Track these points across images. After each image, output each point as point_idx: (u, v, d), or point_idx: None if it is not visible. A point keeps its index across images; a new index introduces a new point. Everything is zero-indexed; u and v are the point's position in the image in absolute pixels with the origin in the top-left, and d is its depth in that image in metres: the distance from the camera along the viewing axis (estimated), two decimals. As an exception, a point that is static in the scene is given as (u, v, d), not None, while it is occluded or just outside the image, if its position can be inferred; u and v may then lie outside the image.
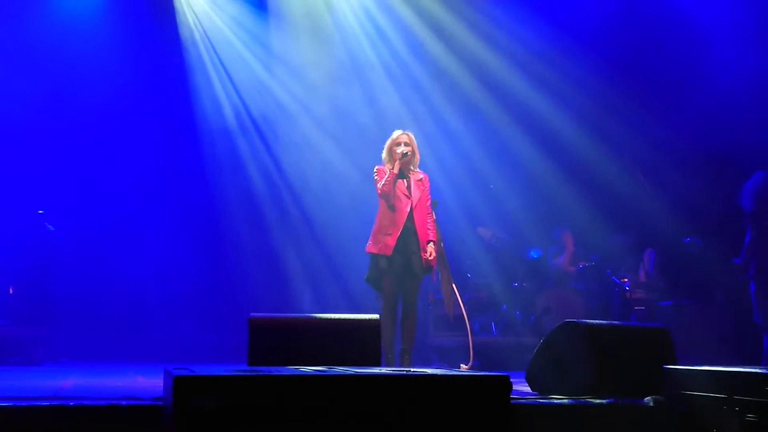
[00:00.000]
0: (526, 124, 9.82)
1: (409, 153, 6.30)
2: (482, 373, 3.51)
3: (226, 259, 9.67)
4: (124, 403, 3.56)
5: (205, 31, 10.05)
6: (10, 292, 8.11)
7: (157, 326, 9.13)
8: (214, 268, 9.60)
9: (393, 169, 6.26)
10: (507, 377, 3.34)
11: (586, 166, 9.66)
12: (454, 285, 6.70)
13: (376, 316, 4.92)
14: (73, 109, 9.34)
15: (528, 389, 4.77)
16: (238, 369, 3.39)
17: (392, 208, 6.22)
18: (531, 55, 9.77)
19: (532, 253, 9.68)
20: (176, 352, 8.51)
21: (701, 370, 3.96)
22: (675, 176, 9.18)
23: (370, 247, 6.26)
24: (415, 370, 3.76)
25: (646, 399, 4.14)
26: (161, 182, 9.63)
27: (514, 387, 3.86)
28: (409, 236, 6.19)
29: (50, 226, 8.39)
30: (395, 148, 6.34)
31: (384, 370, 3.88)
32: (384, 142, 6.47)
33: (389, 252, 6.13)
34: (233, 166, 9.94)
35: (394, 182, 6.24)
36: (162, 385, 3.61)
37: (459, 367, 6.72)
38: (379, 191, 6.27)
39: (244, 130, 10.05)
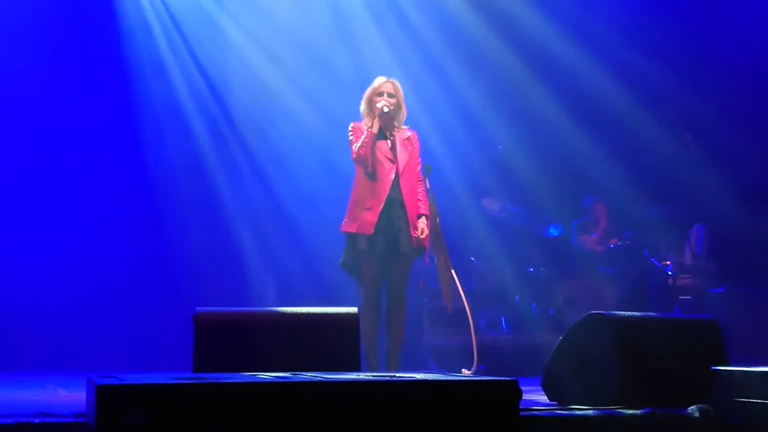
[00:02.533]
0: (544, 67, 9.80)
1: (392, 108, 6.31)
2: (484, 378, 3.52)
3: (169, 242, 9.62)
4: (37, 420, 3.54)
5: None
6: None
7: (84, 328, 9.09)
8: (154, 253, 9.54)
9: (371, 127, 6.25)
10: (515, 383, 3.35)
11: (618, 122, 9.69)
12: (453, 271, 6.70)
13: (354, 309, 4.92)
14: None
15: (545, 399, 4.79)
16: (179, 377, 3.38)
17: (373, 175, 6.23)
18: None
19: (551, 229, 9.73)
20: (107, 359, 8.48)
21: (758, 371, 3.97)
22: (730, 135, 9.21)
23: (346, 225, 6.27)
24: (402, 375, 3.76)
25: (690, 408, 4.16)
26: (83, 152, 9.51)
27: (529, 396, 3.87)
28: (395, 210, 6.20)
29: None
30: (376, 99, 6.34)
31: (364, 376, 3.88)
32: (363, 93, 6.46)
33: (370, 230, 6.15)
34: (177, 129, 9.84)
35: (373, 144, 6.24)
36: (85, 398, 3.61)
37: (460, 373, 6.74)
38: (354, 155, 6.28)
39: (191, 84, 9.96)
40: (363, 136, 6.24)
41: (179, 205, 9.67)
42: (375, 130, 6.27)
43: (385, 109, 6.28)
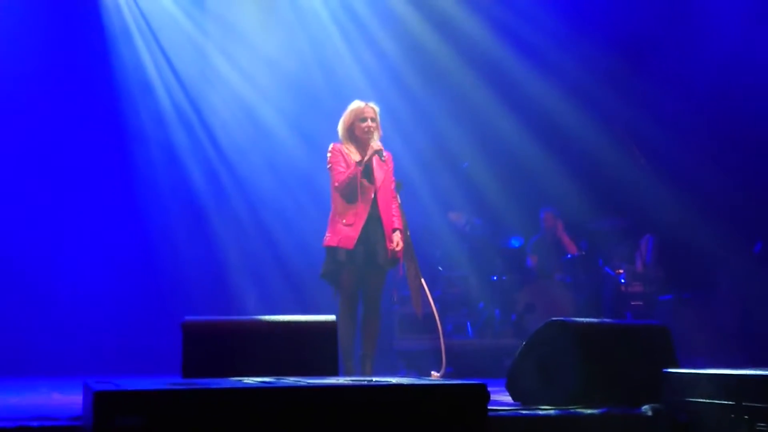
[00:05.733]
0: (505, 92, 9.85)
1: (375, 130, 6.20)
2: (455, 382, 3.53)
3: (156, 253, 9.58)
4: (35, 424, 3.52)
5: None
6: None
7: (76, 333, 9.03)
8: (142, 263, 9.50)
9: (361, 161, 6.11)
10: (484, 386, 3.36)
11: (574, 141, 9.74)
12: (422, 279, 6.70)
13: (332, 317, 4.92)
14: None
15: (509, 399, 4.81)
16: (170, 382, 3.37)
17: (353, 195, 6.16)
18: (511, 12, 9.79)
19: (512, 241, 9.73)
20: (99, 363, 8.44)
21: (705, 373, 4.01)
22: (677, 152, 9.28)
23: (329, 239, 6.16)
24: (377, 379, 3.77)
25: (643, 408, 4.19)
26: (75, 165, 9.46)
27: (494, 396, 3.88)
28: (372, 225, 6.15)
29: None
30: (359, 124, 6.21)
31: (342, 380, 3.88)
32: (339, 114, 6.37)
33: (351, 245, 6.08)
34: (163, 145, 9.83)
35: (359, 178, 6.09)
36: (81, 402, 3.58)
37: (429, 375, 6.74)
38: (336, 184, 6.15)
39: (176, 104, 9.94)
40: (350, 171, 6.09)
41: (165, 219, 9.66)
42: (363, 165, 6.11)
43: (384, 154, 6.18)
